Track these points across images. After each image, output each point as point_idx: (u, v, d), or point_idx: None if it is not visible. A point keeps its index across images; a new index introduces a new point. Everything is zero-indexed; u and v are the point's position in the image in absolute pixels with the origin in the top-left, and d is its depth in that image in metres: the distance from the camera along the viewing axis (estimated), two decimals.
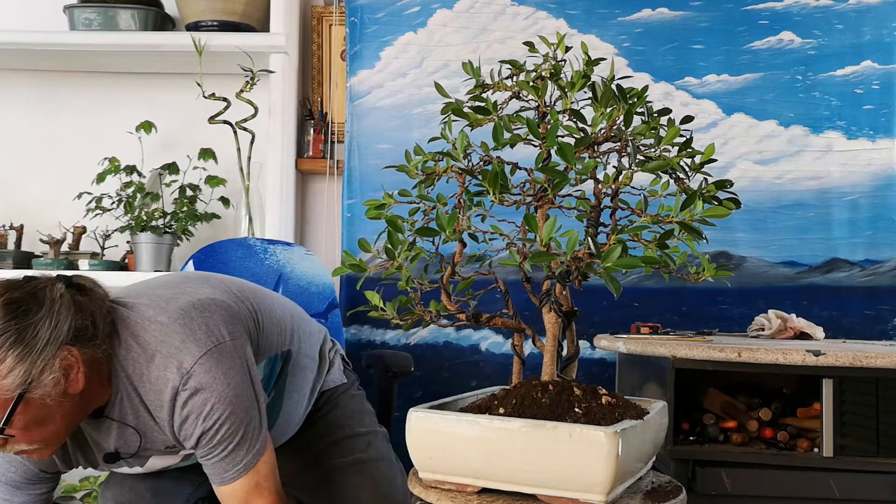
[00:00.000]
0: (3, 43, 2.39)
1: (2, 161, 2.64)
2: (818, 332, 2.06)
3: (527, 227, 1.17)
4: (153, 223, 2.32)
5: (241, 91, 2.27)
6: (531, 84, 1.18)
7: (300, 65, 2.60)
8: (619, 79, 1.14)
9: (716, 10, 2.50)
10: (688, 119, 1.14)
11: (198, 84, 2.23)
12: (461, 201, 1.14)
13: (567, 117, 1.14)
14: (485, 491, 1.06)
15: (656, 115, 1.13)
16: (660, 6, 2.51)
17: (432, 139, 1.23)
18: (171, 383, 1.24)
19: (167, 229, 2.35)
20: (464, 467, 1.06)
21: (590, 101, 1.13)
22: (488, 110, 1.17)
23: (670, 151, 1.12)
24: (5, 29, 2.45)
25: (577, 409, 1.07)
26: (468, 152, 1.15)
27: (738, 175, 2.45)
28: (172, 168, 2.42)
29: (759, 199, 2.46)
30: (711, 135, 2.47)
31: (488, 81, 1.22)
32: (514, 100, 1.22)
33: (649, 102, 1.13)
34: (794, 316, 2.07)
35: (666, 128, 1.11)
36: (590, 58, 1.16)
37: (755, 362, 1.61)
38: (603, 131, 1.12)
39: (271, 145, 2.40)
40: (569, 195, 1.13)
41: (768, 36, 2.50)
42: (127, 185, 2.38)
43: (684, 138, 1.12)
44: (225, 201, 2.45)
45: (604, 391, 1.15)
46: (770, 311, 2.10)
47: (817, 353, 1.58)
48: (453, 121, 1.19)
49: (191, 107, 2.41)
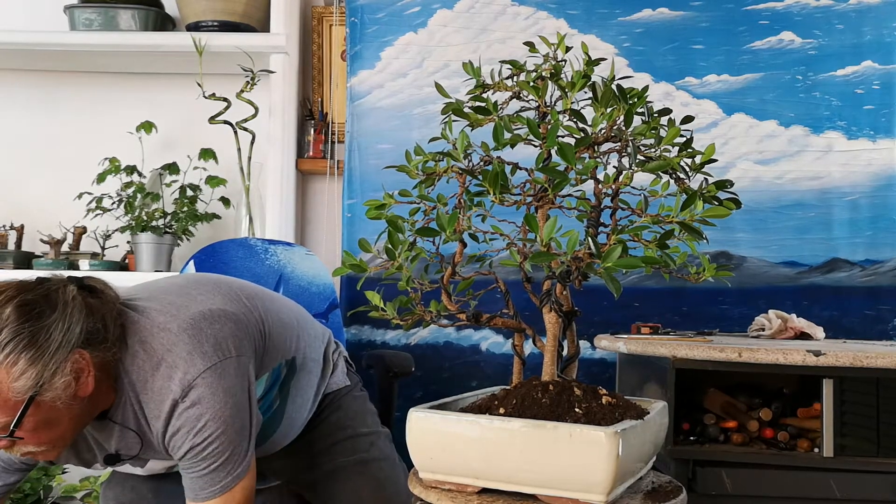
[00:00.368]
0: (3, 43, 2.39)
1: (2, 161, 2.64)
2: (818, 332, 2.06)
3: (527, 228, 1.17)
4: (153, 223, 2.32)
5: (242, 91, 2.27)
6: (531, 84, 1.18)
7: (300, 65, 2.60)
8: (620, 79, 1.14)
9: (716, 10, 2.50)
10: (688, 119, 1.13)
11: (198, 84, 2.23)
12: (461, 201, 1.14)
13: (567, 117, 1.14)
14: (485, 491, 1.06)
15: (656, 115, 1.13)
16: (660, 6, 2.51)
17: (433, 139, 1.23)
18: (173, 395, 1.24)
19: (167, 229, 2.35)
20: (464, 467, 1.06)
21: (590, 102, 1.13)
22: (489, 110, 1.17)
23: (670, 151, 1.12)
24: (5, 29, 2.45)
25: (577, 410, 1.07)
26: (468, 152, 1.15)
27: (739, 175, 2.45)
28: (173, 168, 2.42)
29: (759, 199, 2.46)
30: (712, 135, 2.47)
31: (489, 81, 1.22)
32: (515, 100, 1.22)
33: (650, 102, 1.13)
34: (794, 316, 2.07)
35: (666, 128, 1.11)
36: (590, 58, 1.16)
37: (755, 362, 1.61)
38: (603, 131, 1.12)
39: (272, 145, 2.40)
40: (569, 195, 1.13)
41: (769, 36, 2.49)
42: (127, 185, 2.38)
43: (685, 138, 1.12)
44: (225, 201, 2.45)
45: (604, 391, 1.15)
46: (770, 312, 2.10)
47: (818, 354, 1.58)
48: (454, 121, 1.19)
49: (191, 107, 2.41)
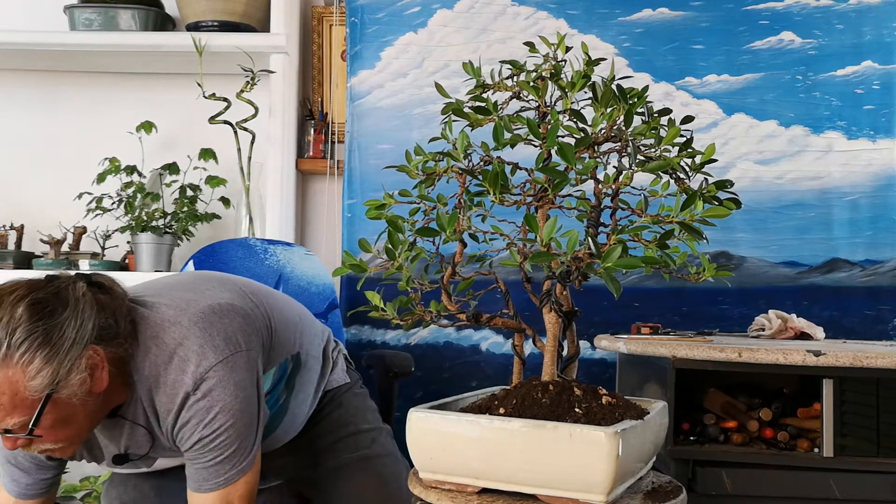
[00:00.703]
0: (3, 43, 2.39)
1: (2, 161, 2.64)
2: (818, 332, 2.06)
3: (527, 228, 1.16)
4: (153, 223, 2.32)
5: (242, 91, 2.27)
6: (531, 84, 1.17)
7: (300, 65, 2.60)
8: (620, 79, 1.14)
9: (716, 10, 2.50)
10: (688, 119, 1.13)
11: (198, 84, 2.23)
12: (461, 201, 1.14)
13: (567, 117, 1.14)
14: (485, 491, 1.06)
15: (657, 115, 1.13)
16: (660, 6, 2.51)
17: (433, 139, 1.23)
18: (185, 388, 1.24)
19: (167, 229, 2.35)
20: (464, 467, 1.06)
21: (590, 102, 1.13)
22: (489, 110, 1.17)
23: (671, 151, 1.12)
24: (5, 29, 2.45)
25: (577, 410, 1.07)
26: (468, 152, 1.15)
27: (739, 175, 2.45)
28: (173, 168, 2.42)
29: (759, 199, 2.46)
30: (712, 135, 2.47)
31: (489, 81, 1.22)
32: (515, 100, 1.22)
33: (650, 102, 1.13)
34: (794, 316, 2.07)
35: (666, 128, 1.11)
36: (590, 58, 1.16)
37: (755, 362, 1.61)
38: (603, 131, 1.12)
39: (271, 145, 2.40)
40: (569, 195, 1.13)
41: (769, 36, 2.49)
42: (127, 185, 2.38)
43: (685, 138, 1.12)
44: (225, 201, 2.45)
45: (604, 391, 1.15)
46: (770, 312, 2.10)
47: (818, 354, 1.58)
48: (454, 121, 1.19)
49: (191, 107, 2.41)
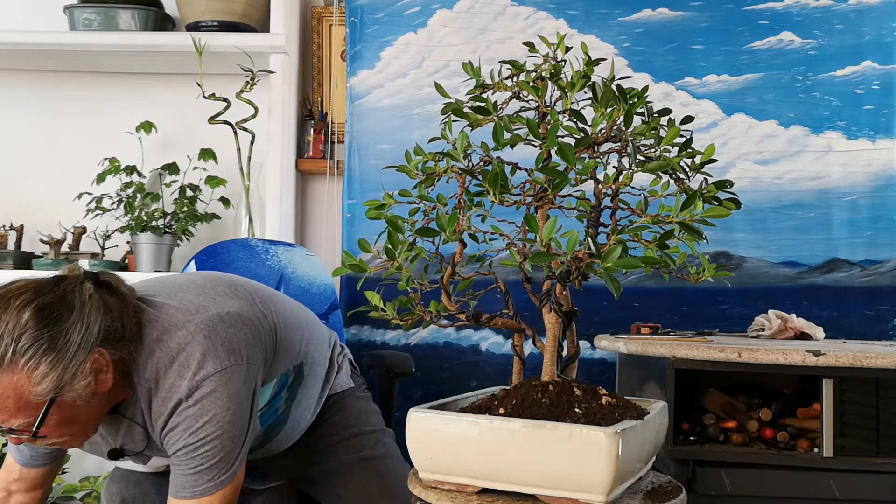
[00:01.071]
0: (3, 43, 2.39)
1: (2, 161, 2.64)
2: (818, 332, 2.06)
3: (527, 228, 1.16)
4: (153, 223, 2.32)
5: (242, 91, 2.27)
6: (531, 84, 1.17)
7: (300, 65, 2.60)
8: (620, 79, 1.14)
9: (716, 11, 2.50)
10: (688, 119, 1.13)
11: (198, 84, 2.23)
12: (461, 201, 1.14)
13: (567, 117, 1.14)
14: (485, 491, 1.06)
15: (656, 115, 1.13)
16: (660, 6, 2.51)
17: (432, 139, 1.23)
18: (179, 394, 1.24)
19: (167, 229, 2.35)
20: (464, 467, 1.06)
21: (590, 102, 1.13)
22: (488, 110, 1.17)
23: (670, 152, 1.12)
24: (5, 29, 2.45)
25: (577, 410, 1.07)
26: (468, 152, 1.15)
27: (738, 175, 2.45)
28: (172, 168, 2.42)
29: (759, 199, 2.46)
30: (711, 135, 2.47)
31: (488, 81, 1.22)
32: (515, 100, 1.22)
33: (649, 103, 1.13)
34: (794, 316, 2.07)
35: (666, 128, 1.11)
36: (590, 58, 1.16)
37: (755, 362, 1.61)
38: (603, 131, 1.12)
39: (271, 145, 2.40)
40: (569, 195, 1.13)
41: (768, 36, 2.49)
42: (127, 185, 2.38)
43: (684, 138, 1.12)
44: (225, 201, 2.45)
45: (604, 391, 1.15)
46: (770, 312, 2.10)
47: (817, 354, 1.58)
48: (453, 121, 1.19)
49: (191, 107, 2.40)
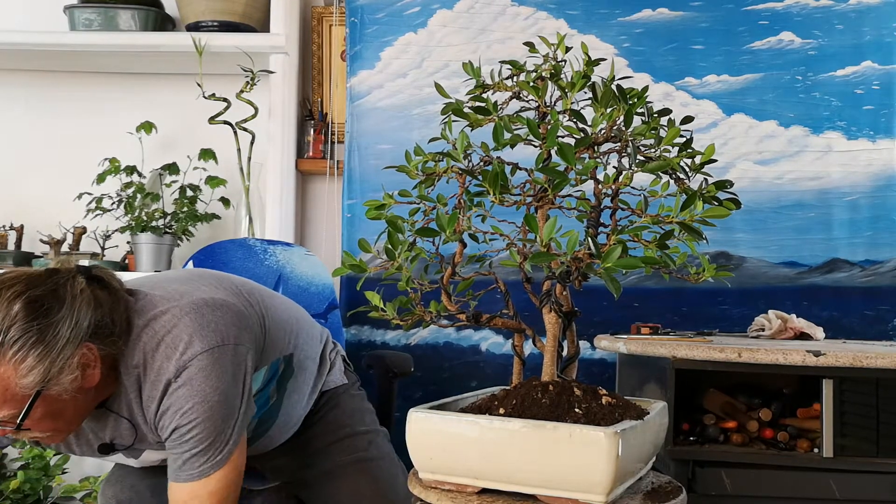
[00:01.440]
0: (3, 43, 2.39)
1: (2, 161, 2.64)
2: (818, 332, 2.05)
3: (527, 228, 1.16)
4: (153, 223, 2.32)
5: (242, 91, 2.27)
6: (531, 84, 1.18)
7: (300, 65, 2.60)
8: (620, 79, 1.14)
9: (716, 11, 2.50)
10: (688, 119, 1.13)
11: (198, 84, 2.23)
12: (461, 202, 1.14)
13: (567, 118, 1.14)
14: (485, 491, 1.06)
15: (656, 115, 1.13)
16: (660, 6, 2.51)
17: (432, 139, 1.23)
18: (168, 375, 1.24)
19: (167, 230, 2.35)
20: (464, 467, 1.06)
21: (590, 102, 1.13)
22: (488, 110, 1.17)
23: (670, 152, 1.12)
24: (5, 29, 2.45)
25: (577, 410, 1.07)
26: (468, 153, 1.15)
27: (738, 175, 2.45)
28: (172, 168, 2.42)
29: (759, 199, 2.46)
30: (711, 135, 2.47)
31: (488, 82, 1.22)
32: (515, 100, 1.22)
33: (649, 103, 1.13)
34: (794, 316, 2.07)
35: (666, 128, 1.11)
36: (590, 58, 1.16)
37: (755, 363, 1.61)
38: (603, 132, 1.12)
39: (271, 146, 2.40)
40: (569, 195, 1.13)
41: (768, 36, 2.49)
42: (127, 185, 2.38)
43: (684, 139, 1.12)
44: (225, 202, 2.45)
45: (604, 391, 1.15)
46: (770, 312, 2.10)
47: (817, 354, 1.58)
48: (453, 121, 1.19)
49: (191, 107, 2.41)
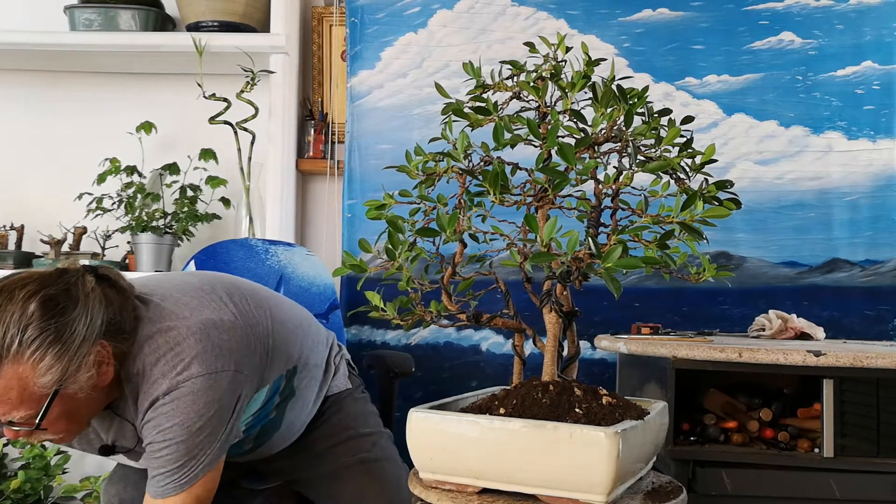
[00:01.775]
0: (3, 43, 2.39)
1: (2, 161, 2.64)
2: (819, 332, 2.05)
3: (527, 228, 1.17)
4: (154, 223, 2.32)
5: (242, 91, 2.27)
6: (532, 84, 1.18)
7: (300, 65, 2.60)
8: (620, 79, 1.14)
9: (716, 11, 2.50)
10: (688, 119, 1.13)
11: (198, 84, 2.23)
12: (461, 202, 1.14)
13: (567, 118, 1.14)
14: (485, 491, 1.06)
15: (657, 115, 1.13)
16: (660, 6, 2.51)
17: (433, 139, 1.23)
18: (159, 390, 1.24)
19: (168, 230, 2.35)
20: (464, 467, 1.06)
21: (590, 102, 1.13)
22: (489, 111, 1.17)
23: (671, 152, 1.12)
24: (5, 29, 2.45)
25: (577, 410, 1.07)
26: (469, 153, 1.15)
27: (739, 175, 2.45)
28: (173, 168, 2.42)
29: (759, 199, 2.46)
30: (712, 135, 2.47)
31: (489, 82, 1.22)
32: (515, 100, 1.22)
33: (650, 103, 1.13)
34: (794, 316, 2.07)
35: (666, 128, 1.11)
36: (590, 58, 1.16)
37: (756, 362, 1.61)
38: (603, 132, 1.12)
39: (272, 146, 2.40)
40: (569, 195, 1.13)
41: (769, 36, 2.49)
42: (127, 185, 2.38)
43: (685, 139, 1.12)
44: (225, 202, 2.45)
45: (604, 391, 1.15)
46: (770, 312, 2.10)
47: (818, 354, 1.58)
48: (454, 121, 1.19)
49: (191, 107, 2.41)
